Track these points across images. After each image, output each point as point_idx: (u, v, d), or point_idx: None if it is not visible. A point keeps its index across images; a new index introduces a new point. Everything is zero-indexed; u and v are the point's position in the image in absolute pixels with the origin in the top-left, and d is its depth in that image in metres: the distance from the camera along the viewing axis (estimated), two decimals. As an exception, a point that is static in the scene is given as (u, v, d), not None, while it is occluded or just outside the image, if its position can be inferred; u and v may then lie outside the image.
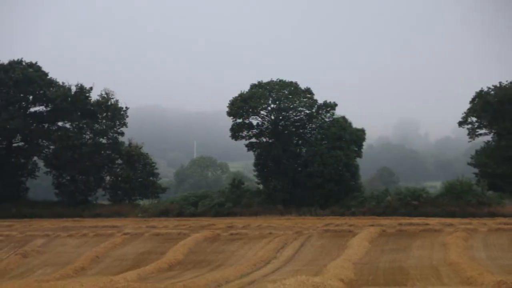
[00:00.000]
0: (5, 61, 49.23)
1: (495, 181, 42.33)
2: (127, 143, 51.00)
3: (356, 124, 47.00)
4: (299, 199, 43.41)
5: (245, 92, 45.61)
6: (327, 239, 30.37)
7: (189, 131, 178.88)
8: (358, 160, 45.62)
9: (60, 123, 50.32)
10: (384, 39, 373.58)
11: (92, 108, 49.27)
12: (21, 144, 50.53)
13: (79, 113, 48.94)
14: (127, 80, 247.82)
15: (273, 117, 45.93)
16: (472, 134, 46.34)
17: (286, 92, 45.51)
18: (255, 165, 47.47)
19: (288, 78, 46.92)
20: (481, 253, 25.08)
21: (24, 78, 47.83)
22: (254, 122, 46.80)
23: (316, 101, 46.00)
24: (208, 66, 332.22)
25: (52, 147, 49.64)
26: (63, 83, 49.93)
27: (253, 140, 47.24)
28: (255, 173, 48.24)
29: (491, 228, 30.80)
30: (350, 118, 46.60)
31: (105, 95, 49.82)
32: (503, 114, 43.69)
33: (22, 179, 50.77)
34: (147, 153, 51.48)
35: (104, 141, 49.83)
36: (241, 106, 45.11)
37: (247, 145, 47.70)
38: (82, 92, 49.31)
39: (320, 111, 46.04)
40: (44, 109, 50.28)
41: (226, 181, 75.74)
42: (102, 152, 49.66)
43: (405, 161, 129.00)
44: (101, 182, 49.63)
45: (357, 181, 45.06)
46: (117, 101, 49.97)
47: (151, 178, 50.49)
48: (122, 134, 50.58)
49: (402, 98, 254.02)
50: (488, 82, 51.25)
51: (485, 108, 44.53)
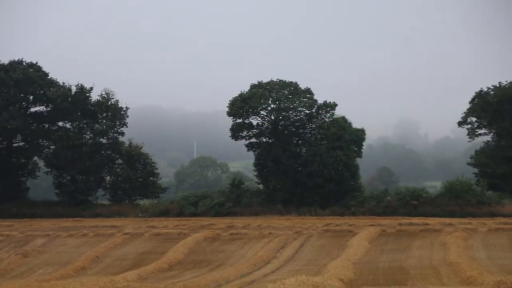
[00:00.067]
0: (6, 61, 49.48)
1: (494, 181, 42.39)
2: (127, 143, 51.05)
3: (356, 124, 47.12)
4: (299, 199, 43.44)
5: (245, 92, 45.63)
6: (327, 239, 30.42)
7: (189, 131, 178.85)
8: (358, 160, 45.67)
9: (60, 123, 50.40)
10: (384, 39, 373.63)
11: (92, 108, 49.34)
12: (21, 144, 50.59)
13: (79, 113, 49.02)
14: (127, 80, 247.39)
15: (273, 117, 45.95)
16: (472, 134, 46.43)
17: (286, 92, 45.54)
18: (255, 165, 47.52)
19: (288, 78, 47.05)
20: (481, 253, 25.11)
21: (25, 78, 47.91)
22: (254, 122, 46.84)
23: (316, 101, 46.03)
24: (208, 66, 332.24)
25: (52, 147, 49.72)
26: (63, 83, 50.07)
27: (253, 140, 47.26)
28: (255, 173, 48.30)
29: (491, 228, 30.83)
30: (350, 118, 46.75)
31: (105, 95, 49.90)
32: (502, 114, 43.76)
33: (23, 179, 50.90)
34: (147, 153, 51.51)
35: (104, 141, 49.91)
36: (241, 106, 45.14)
37: (247, 145, 47.74)
38: (83, 92, 49.38)
39: (320, 111, 46.05)
40: (45, 109, 50.36)
41: (226, 181, 75.72)
42: (102, 152, 49.73)
43: (405, 161, 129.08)
44: (101, 182, 49.69)
45: (357, 181, 45.11)
46: (117, 101, 50.13)
47: (151, 178, 50.55)
48: (122, 134, 50.64)
49: (402, 98, 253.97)
50: (488, 82, 51.23)
51: (485, 108, 44.61)
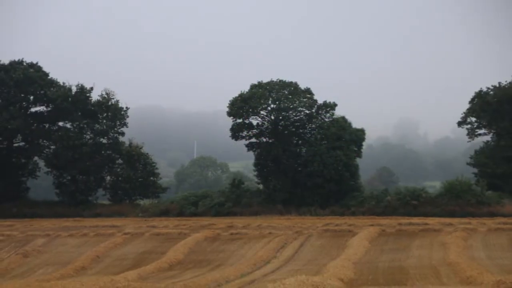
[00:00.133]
0: (6, 61, 49.60)
1: (494, 181, 42.44)
2: (127, 143, 51.14)
3: (356, 124, 47.19)
4: (299, 199, 43.49)
5: (245, 92, 45.68)
6: (326, 239, 30.44)
7: (189, 131, 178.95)
8: (357, 160, 45.72)
9: (60, 123, 50.50)
10: (384, 39, 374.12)
11: (92, 108, 49.40)
12: (22, 144, 50.69)
13: (79, 113, 49.09)
14: (127, 80, 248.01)
15: (273, 117, 46.00)
16: (472, 134, 46.48)
17: (286, 92, 45.59)
18: (255, 165, 47.57)
19: (288, 78, 47.14)
20: (481, 252, 25.12)
21: (25, 78, 47.99)
22: (254, 122, 46.91)
23: (316, 101, 46.08)
24: (208, 66, 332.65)
25: (52, 147, 49.81)
26: (63, 83, 50.19)
27: (253, 140, 47.32)
28: (255, 173, 48.35)
29: (491, 228, 30.82)
30: (350, 118, 46.82)
31: (105, 95, 49.97)
32: (502, 114, 43.81)
33: (23, 179, 51.00)
34: (147, 153, 51.59)
35: (104, 141, 50.00)
36: (241, 106, 45.18)
37: (247, 145, 47.79)
38: (83, 92, 49.44)
39: (320, 111, 46.11)
40: (45, 109, 50.48)
41: (226, 181, 75.81)
42: (103, 152, 49.80)
43: (404, 161, 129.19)
44: (101, 182, 49.75)
45: (356, 181, 45.16)
46: (117, 101, 50.24)
47: (151, 178, 50.63)
48: (123, 134, 50.71)
49: (402, 98, 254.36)
50: (488, 82, 51.21)
51: (484, 108, 44.65)
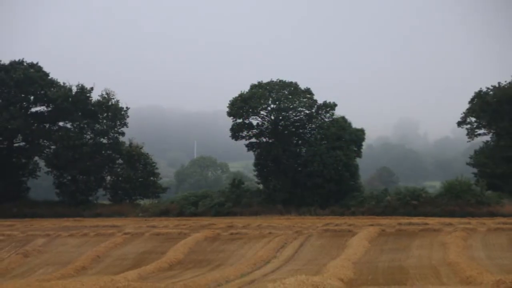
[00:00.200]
0: (6, 62, 49.65)
1: (494, 181, 42.49)
2: (127, 143, 51.17)
3: (356, 124, 47.23)
4: (299, 199, 43.53)
5: (245, 92, 45.72)
6: (326, 239, 30.47)
7: (189, 131, 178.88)
8: (357, 160, 45.75)
9: (61, 123, 50.55)
10: (384, 39, 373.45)
11: (92, 108, 49.44)
12: (22, 144, 50.75)
13: (80, 113, 49.13)
14: (127, 80, 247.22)
15: (273, 117, 46.04)
16: (471, 134, 46.53)
17: (286, 92, 45.64)
18: (255, 165, 47.61)
19: (288, 78, 47.20)
20: (480, 252, 25.15)
21: (25, 79, 48.03)
22: (254, 122, 46.95)
23: (316, 101, 46.12)
24: (208, 66, 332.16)
25: (53, 147, 49.86)
26: (64, 83, 50.21)
27: (253, 140, 47.36)
28: (255, 173, 48.39)
29: (490, 228, 30.86)
30: (350, 118, 46.85)
31: (105, 95, 50.00)
32: (502, 114, 43.86)
33: (23, 179, 51.05)
34: (147, 153, 51.62)
35: (104, 141, 50.05)
36: (241, 106, 45.23)
37: (247, 145, 47.83)
38: (83, 92, 49.48)
39: (320, 111, 46.15)
40: (45, 109, 50.53)
41: (226, 181, 75.86)
42: (103, 152, 49.85)
43: (404, 161, 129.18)
44: (101, 182, 49.79)
45: (356, 181, 45.19)
46: (117, 101, 50.28)
47: (151, 178, 50.67)
48: (123, 134, 50.76)
49: (402, 98, 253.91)
50: (488, 82, 51.20)
51: (484, 108, 44.70)
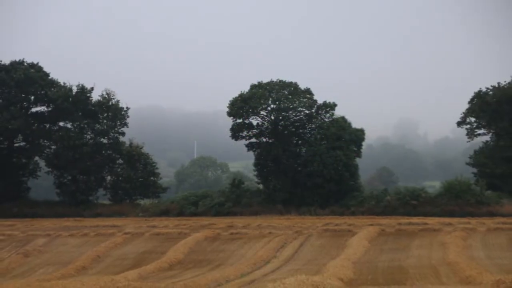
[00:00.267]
0: (7, 62, 49.73)
1: (493, 180, 42.53)
2: (127, 143, 51.22)
3: (356, 124, 47.26)
4: (299, 199, 43.57)
5: (245, 93, 45.76)
6: (326, 239, 30.51)
7: (189, 131, 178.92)
8: (357, 160, 45.79)
9: (61, 123, 50.61)
10: (384, 39, 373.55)
11: (93, 108, 49.49)
12: (22, 144, 50.81)
13: (80, 113, 49.19)
14: (127, 80, 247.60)
15: (273, 117, 46.07)
16: (471, 134, 46.56)
17: (286, 93, 45.67)
18: (255, 165, 47.64)
19: (288, 78, 47.23)
20: (480, 252, 25.20)
21: (26, 79, 48.09)
22: (254, 122, 46.98)
23: (315, 101, 46.15)
24: (208, 66, 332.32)
25: (53, 147, 49.93)
26: (64, 83, 50.27)
27: (253, 140, 47.39)
28: (255, 173, 48.42)
29: (490, 228, 30.91)
30: (350, 118, 46.88)
31: (106, 96, 50.06)
32: (501, 114, 43.90)
33: (24, 179, 51.12)
34: (147, 153, 51.68)
35: (105, 141, 50.11)
36: (241, 106, 45.26)
37: (247, 145, 47.86)
38: (83, 92, 49.53)
39: (319, 111, 46.18)
40: (46, 109, 50.59)
41: (226, 181, 75.90)
42: (103, 152, 49.90)
43: (404, 161, 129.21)
44: (102, 182, 49.84)
45: (356, 181, 45.22)
46: (117, 101, 50.34)
47: (151, 178, 50.71)
48: (123, 134, 50.81)
49: (402, 98, 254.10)
50: (488, 82, 51.29)
51: (484, 108, 44.73)
